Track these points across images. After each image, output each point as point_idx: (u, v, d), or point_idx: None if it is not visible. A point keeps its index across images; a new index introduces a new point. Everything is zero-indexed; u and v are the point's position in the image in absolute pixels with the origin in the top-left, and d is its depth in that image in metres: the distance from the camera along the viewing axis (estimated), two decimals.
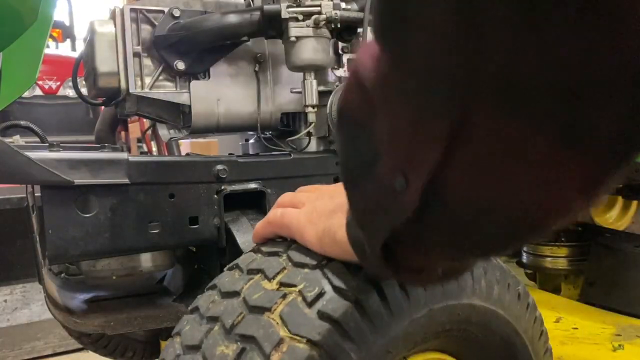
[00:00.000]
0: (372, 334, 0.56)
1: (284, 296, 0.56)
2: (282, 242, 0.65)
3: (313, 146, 1.09)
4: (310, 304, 0.55)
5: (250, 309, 0.57)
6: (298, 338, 0.53)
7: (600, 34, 0.24)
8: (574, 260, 1.57)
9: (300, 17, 0.96)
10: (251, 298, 0.57)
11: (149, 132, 2.45)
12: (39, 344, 2.73)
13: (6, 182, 0.77)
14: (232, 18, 0.98)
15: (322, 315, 0.54)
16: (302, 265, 0.59)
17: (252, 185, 0.97)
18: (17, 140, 1.02)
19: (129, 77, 0.99)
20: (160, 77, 1.01)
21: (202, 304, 0.62)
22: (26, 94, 3.85)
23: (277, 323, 0.54)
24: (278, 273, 0.59)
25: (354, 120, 0.41)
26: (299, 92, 1.03)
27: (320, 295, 0.55)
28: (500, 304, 0.67)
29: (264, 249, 0.65)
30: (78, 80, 1.13)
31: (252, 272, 0.61)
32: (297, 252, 0.60)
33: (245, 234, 0.92)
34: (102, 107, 1.21)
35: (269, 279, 0.59)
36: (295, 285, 0.57)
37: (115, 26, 0.99)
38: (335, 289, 0.56)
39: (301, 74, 1.02)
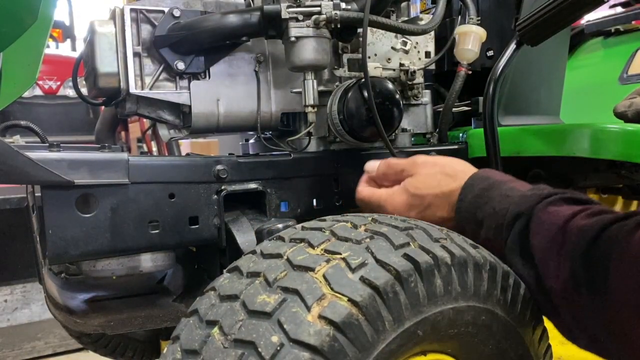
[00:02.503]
0: (407, 310, 0.59)
1: (328, 261, 0.59)
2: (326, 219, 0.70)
3: (313, 146, 1.09)
4: (353, 270, 0.58)
5: (294, 267, 0.60)
6: (340, 296, 0.55)
7: None
8: None
9: (300, 17, 0.96)
10: (295, 259, 0.61)
11: (149, 132, 2.46)
12: (39, 344, 2.73)
13: (6, 182, 0.77)
14: (232, 18, 0.98)
15: (364, 281, 0.57)
16: (345, 239, 0.63)
17: (252, 185, 0.97)
18: (17, 140, 1.02)
19: (129, 77, 0.99)
20: (160, 77, 1.01)
21: (243, 263, 0.65)
22: (26, 94, 3.85)
23: (320, 281, 0.57)
24: (322, 242, 0.63)
25: None
26: (299, 92, 1.03)
27: (363, 264, 0.59)
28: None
29: (306, 224, 0.70)
30: (78, 80, 1.13)
31: (295, 240, 0.65)
32: (342, 229, 0.65)
33: (245, 234, 0.92)
34: (102, 107, 1.21)
35: (313, 247, 0.63)
36: (339, 253, 0.60)
37: (115, 26, 0.99)
38: (378, 261, 0.59)
39: (301, 74, 1.02)
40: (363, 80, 1.00)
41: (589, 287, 0.65)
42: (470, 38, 1.10)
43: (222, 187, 0.94)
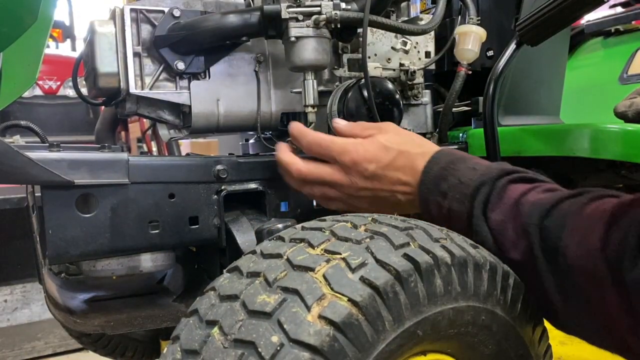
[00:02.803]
0: (407, 310, 0.59)
1: (328, 261, 0.59)
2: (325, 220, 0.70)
3: None
4: (353, 270, 0.58)
5: (294, 268, 0.60)
6: (340, 296, 0.55)
7: None
8: None
9: (300, 17, 0.96)
10: (295, 259, 0.60)
11: (149, 132, 2.46)
12: (39, 344, 2.73)
13: (6, 182, 0.77)
14: (232, 18, 0.98)
15: (364, 281, 0.57)
16: (345, 239, 0.63)
17: (252, 185, 0.97)
18: (17, 140, 1.03)
19: (129, 77, 0.99)
20: (160, 77, 1.01)
21: (243, 263, 0.65)
22: (26, 94, 3.85)
23: (320, 281, 0.57)
24: (322, 242, 0.63)
25: None
26: (299, 92, 1.03)
27: (363, 264, 0.59)
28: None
29: (306, 224, 0.69)
30: (78, 80, 1.14)
31: (295, 240, 0.65)
32: (342, 229, 0.65)
33: (245, 234, 0.92)
34: (102, 107, 1.22)
35: (313, 247, 0.62)
36: (339, 253, 0.60)
37: (115, 26, 0.99)
38: (378, 261, 0.59)
39: (301, 74, 1.02)
40: (363, 80, 1.00)
41: (544, 257, 0.69)
42: (470, 38, 1.10)
43: (222, 187, 0.94)
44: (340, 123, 0.97)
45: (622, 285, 0.60)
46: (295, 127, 0.96)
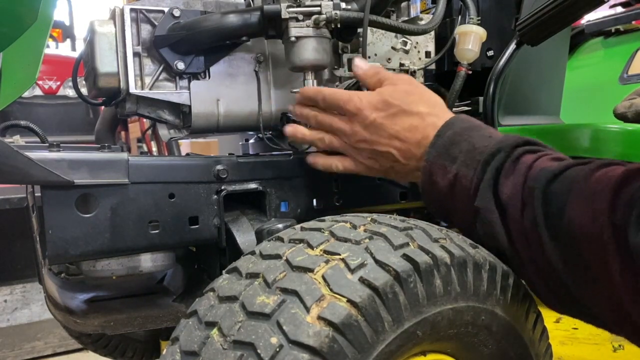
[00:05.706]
0: (407, 310, 0.59)
1: (327, 261, 0.59)
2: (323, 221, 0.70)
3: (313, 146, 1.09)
4: (352, 271, 0.58)
5: (293, 268, 0.60)
6: (339, 297, 0.55)
7: None
8: None
9: (300, 17, 0.96)
10: (294, 260, 0.60)
11: (149, 132, 2.46)
12: (39, 344, 2.73)
13: (6, 182, 0.77)
14: (232, 18, 0.98)
15: (363, 281, 0.57)
16: (344, 240, 0.63)
17: (252, 185, 0.97)
18: (17, 140, 1.03)
19: (129, 77, 0.99)
20: (160, 77, 1.01)
21: (242, 264, 0.65)
22: (26, 94, 3.85)
23: (319, 282, 0.57)
24: (322, 243, 0.63)
25: None
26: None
27: (362, 265, 0.59)
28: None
29: (305, 225, 0.69)
30: (78, 80, 1.13)
31: (294, 241, 0.65)
32: (341, 229, 0.65)
33: (245, 234, 0.92)
34: (102, 107, 1.22)
35: (312, 247, 0.62)
36: (338, 254, 0.60)
37: (115, 26, 0.99)
38: (377, 262, 0.59)
39: (301, 74, 1.02)
40: None
41: (545, 223, 0.68)
42: (471, 38, 1.10)
43: (222, 187, 0.94)
44: (359, 63, 0.97)
45: (626, 251, 0.59)
46: (309, 88, 0.98)
